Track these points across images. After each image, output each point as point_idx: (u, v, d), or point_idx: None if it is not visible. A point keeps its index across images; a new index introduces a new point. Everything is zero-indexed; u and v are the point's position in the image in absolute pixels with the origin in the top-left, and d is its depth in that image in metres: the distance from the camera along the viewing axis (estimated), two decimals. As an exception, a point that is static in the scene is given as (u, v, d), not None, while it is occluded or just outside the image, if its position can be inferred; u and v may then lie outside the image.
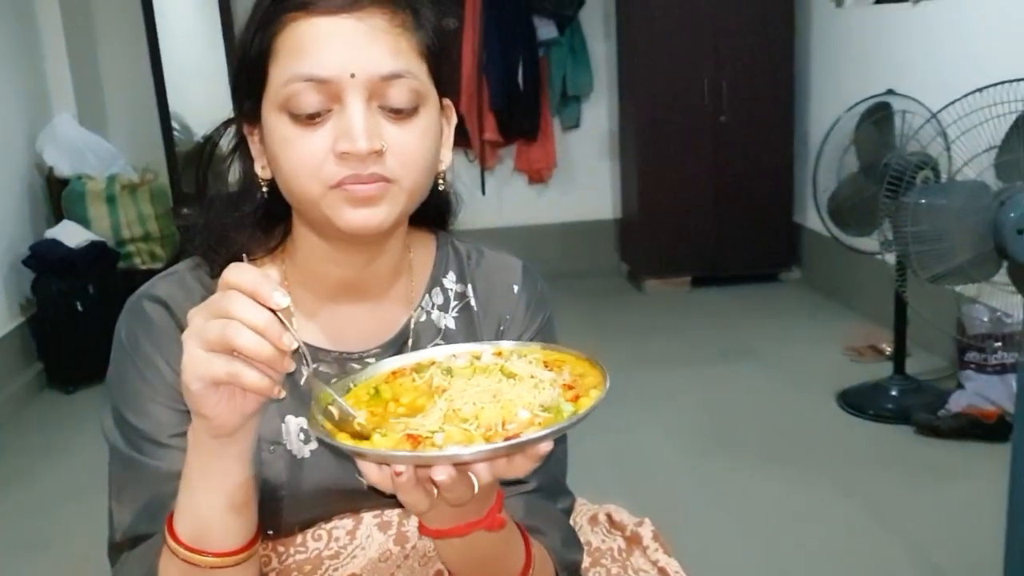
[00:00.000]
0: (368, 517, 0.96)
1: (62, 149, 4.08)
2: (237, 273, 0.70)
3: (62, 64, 4.36)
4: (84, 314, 3.66)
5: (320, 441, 0.76)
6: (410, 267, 0.99)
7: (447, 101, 0.93)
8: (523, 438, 0.67)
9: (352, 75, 0.81)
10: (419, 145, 0.86)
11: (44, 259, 3.69)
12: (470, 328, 1.00)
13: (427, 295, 1.00)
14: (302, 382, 0.83)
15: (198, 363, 0.70)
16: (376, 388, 0.79)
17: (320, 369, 0.94)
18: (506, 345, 0.84)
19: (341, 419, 0.73)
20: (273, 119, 0.85)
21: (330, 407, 0.74)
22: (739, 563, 2.25)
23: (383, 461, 0.69)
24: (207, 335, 0.69)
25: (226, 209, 0.94)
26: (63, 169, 4.05)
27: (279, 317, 0.69)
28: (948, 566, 2.19)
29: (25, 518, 2.72)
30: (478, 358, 0.82)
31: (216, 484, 0.78)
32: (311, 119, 0.82)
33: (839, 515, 2.46)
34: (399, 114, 0.84)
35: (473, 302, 1.01)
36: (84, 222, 3.95)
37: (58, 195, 4.05)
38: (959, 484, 2.58)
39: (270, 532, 0.94)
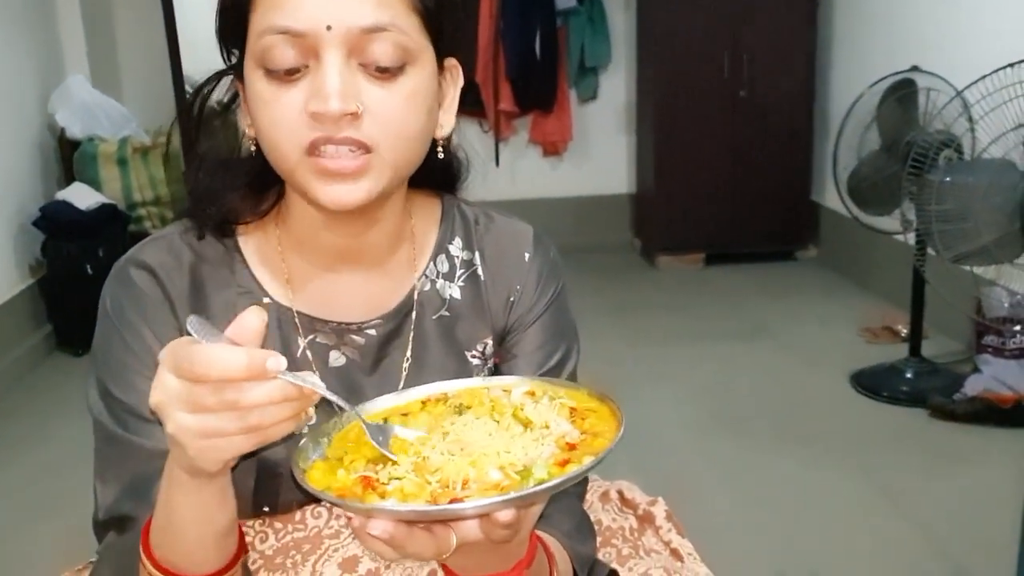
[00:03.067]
0: (370, 495, 0.92)
1: (74, 111, 4.05)
2: (215, 365, 0.60)
3: (75, 25, 4.32)
4: (94, 277, 3.64)
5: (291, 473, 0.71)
6: (412, 234, 0.94)
7: (451, 61, 0.87)
8: (445, 507, 0.62)
9: (328, 27, 0.75)
10: (403, 109, 0.78)
11: (54, 221, 3.67)
12: (477, 298, 0.96)
13: (431, 263, 0.95)
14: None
15: (218, 449, 0.63)
16: (385, 420, 0.76)
17: (318, 340, 0.90)
18: (540, 385, 0.78)
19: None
20: (251, 75, 0.79)
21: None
22: (748, 542, 2.23)
23: (336, 504, 0.65)
24: (219, 429, 0.62)
25: (216, 169, 0.89)
26: (75, 131, 4.03)
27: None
28: (961, 550, 2.16)
29: (35, 480, 2.72)
30: (508, 393, 0.77)
31: (202, 516, 0.74)
32: (287, 75, 0.76)
33: (851, 497, 2.43)
34: (382, 73, 0.77)
35: (480, 270, 0.96)
36: (95, 184, 3.93)
37: (69, 157, 4.03)
38: (973, 468, 2.54)
39: (266, 509, 0.91)
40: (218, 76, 0.89)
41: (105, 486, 0.87)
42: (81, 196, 3.77)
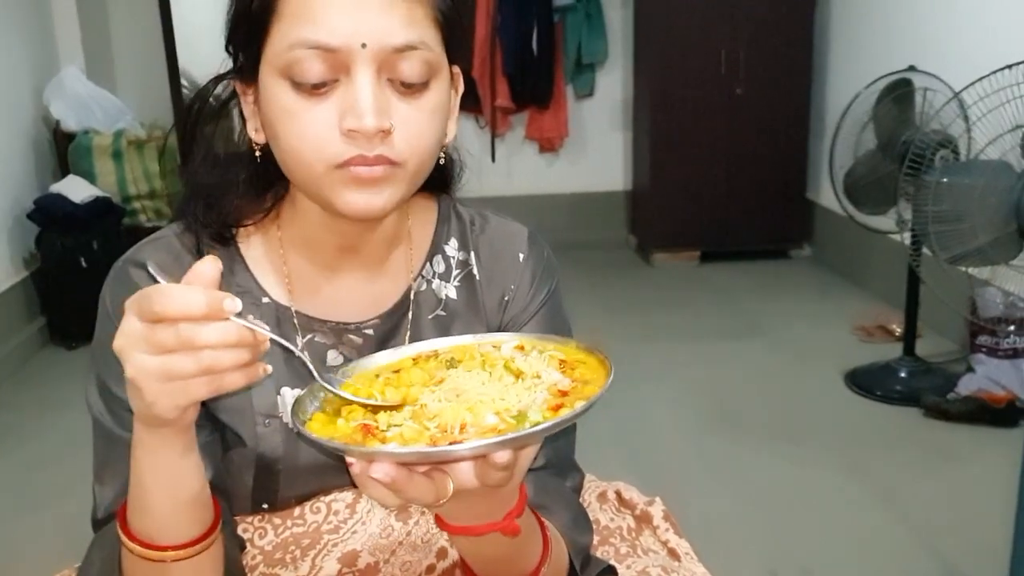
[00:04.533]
0: (369, 490, 0.92)
1: (69, 103, 4.03)
2: (174, 300, 0.62)
3: (70, 16, 4.30)
4: (88, 270, 3.63)
5: (292, 423, 0.72)
6: (409, 234, 0.95)
7: (456, 69, 0.87)
8: (446, 447, 0.63)
9: (363, 45, 0.75)
10: (428, 124, 0.80)
11: (49, 214, 3.66)
12: (472, 298, 0.96)
13: (428, 263, 0.96)
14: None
15: (175, 393, 0.64)
16: (377, 376, 0.77)
17: (316, 339, 0.91)
18: (528, 339, 0.79)
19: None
20: (273, 84, 0.79)
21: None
22: (742, 541, 2.23)
23: (327, 449, 0.66)
24: (177, 370, 0.63)
25: (216, 171, 0.89)
26: (69, 123, 4.02)
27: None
28: (953, 549, 2.17)
29: (26, 474, 2.71)
30: (497, 348, 0.78)
31: (167, 480, 0.74)
32: (315, 89, 0.76)
33: (845, 496, 2.44)
34: (410, 89, 0.78)
35: (476, 271, 0.97)
36: (90, 177, 3.91)
37: (64, 149, 4.01)
38: (966, 468, 2.55)
39: (265, 506, 0.91)
40: (221, 80, 0.88)
41: (104, 485, 0.86)
42: (75, 189, 3.76)
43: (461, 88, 0.90)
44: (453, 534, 0.75)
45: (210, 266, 0.65)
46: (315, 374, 0.72)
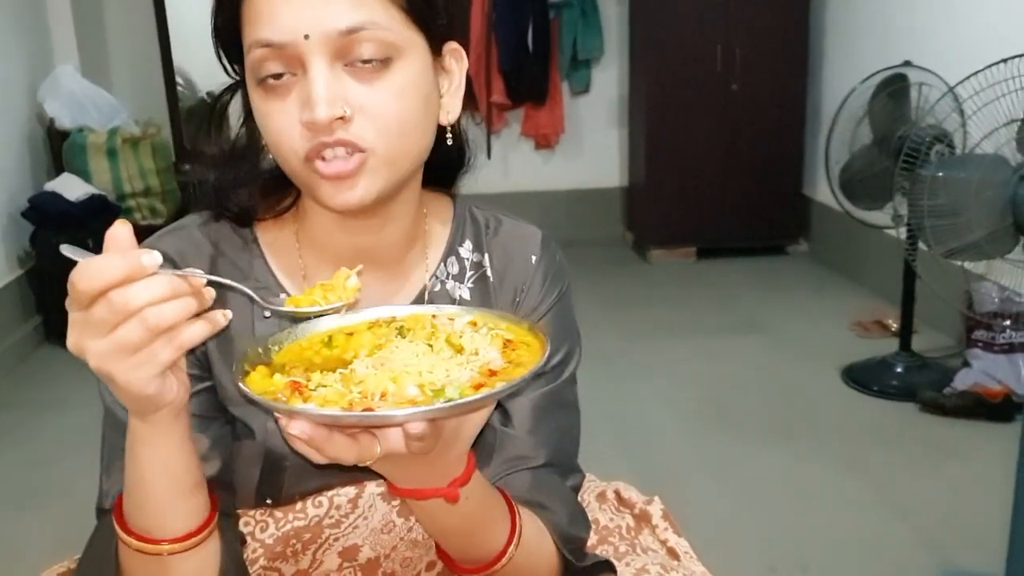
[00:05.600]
0: (371, 486, 0.92)
1: (64, 101, 4.02)
2: (93, 272, 0.62)
3: (65, 14, 4.29)
4: (84, 268, 3.62)
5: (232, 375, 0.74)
6: (425, 234, 0.95)
7: (452, 45, 0.86)
8: (352, 413, 0.66)
9: (306, 36, 0.76)
10: (394, 104, 0.79)
11: (43, 212, 3.65)
12: (485, 299, 0.96)
13: (443, 264, 0.96)
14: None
15: (142, 365, 0.64)
16: (330, 337, 0.78)
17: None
18: (483, 317, 0.81)
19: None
20: (250, 89, 0.82)
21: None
22: (739, 537, 2.24)
23: (248, 399, 0.68)
24: (128, 340, 0.63)
25: (235, 163, 0.90)
26: (64, 121, 4.00)
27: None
28: (950, 543, 2.17)
29: (23, 472, 2.71)
30: (452, 320, 0.80)
31: (166, 471, 0.75)
32: (277, 87, 0.78)
33: (841, 491, 2.44)
34: (368, 71, 0.78)
35: (489, 272, 0.97)
36: (84, 175, 3.90)
37: (59, 147, 4.00)
38: (963, 462, 2.55)
39: (268, 501, 0.91)
40: (234, 87, 0.90)
41: (111, 474, 0.86)
42: (70, 187, 3.75)
43: (465, 63, 0.89)
44: (400, 496, 0.78)
45: (122, 228, 0.65)
46: (256, 299, 0.74)
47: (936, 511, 2.31)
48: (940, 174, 2.34)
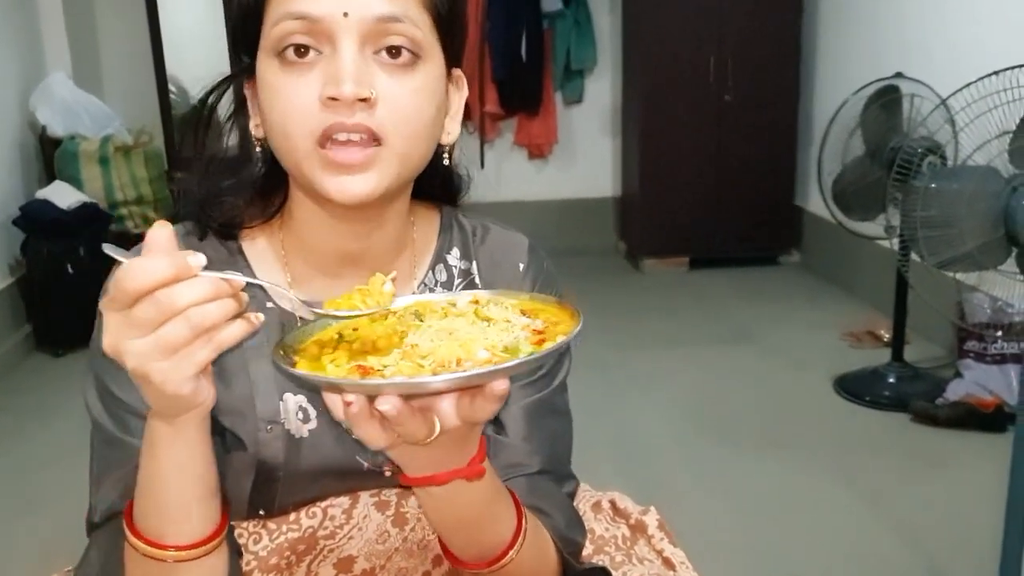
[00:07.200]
0: (365, 496, 0.92)
1: (56, 108, 4.01)
2: (142, 272, 0.63)
3: (57, 22, 4.29)
4: (74, 276, 3.61)
5: (276, 366, 0.72)
6: (413, 242, 0.95)
7: (458, 72, 0.88)
8: (470, 372, 0.64)
9: (345, 14, 0.76)
10: (414, 101, 0.79)
11: (35, 220, 3.64)
12: None
13: (431, 271, 0.95)
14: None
15: (180, 364, 0.64)
16: (340, 333, 0.76)
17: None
18: (483, 294, 0.81)
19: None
20: (264, 67, 0.80)
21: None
22: (730, 546, 2.23)
23: (329, 388, 0.67)
24: (172, 338, 0.64)
25: (220, 174, 0.89)
26: (56, 129, 3.99)
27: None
28: (943, 554, 2.17)
29: (13, 481, 2.69)
30: (454, 305, 0.79)
31: (187, 474, 0.74)
32: (299, 58, 0.77)
33: (834, 501, 2.44)
34: (395, 63, 0.78)
35: (477, 280, 0.97)
36: (76, 183, 3.89)
37: (50, 155, 3.99)
38: (955, 473, 2.56)
39: (262, 512, 0.90)
40: (227, 81, 0.88)
41: (102, 488, 0.85)
42: (62, 195, 3.73)
43: (465, 92, 0.90)
44: (418, 486, 0.76)
45: (162, 231, 0.65)
46: (297, 301, 0.72)
47: (928, 521, 2.31)
48: (933, 185, 2.35)
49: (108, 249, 0.68)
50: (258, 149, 0.86)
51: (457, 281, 0.96)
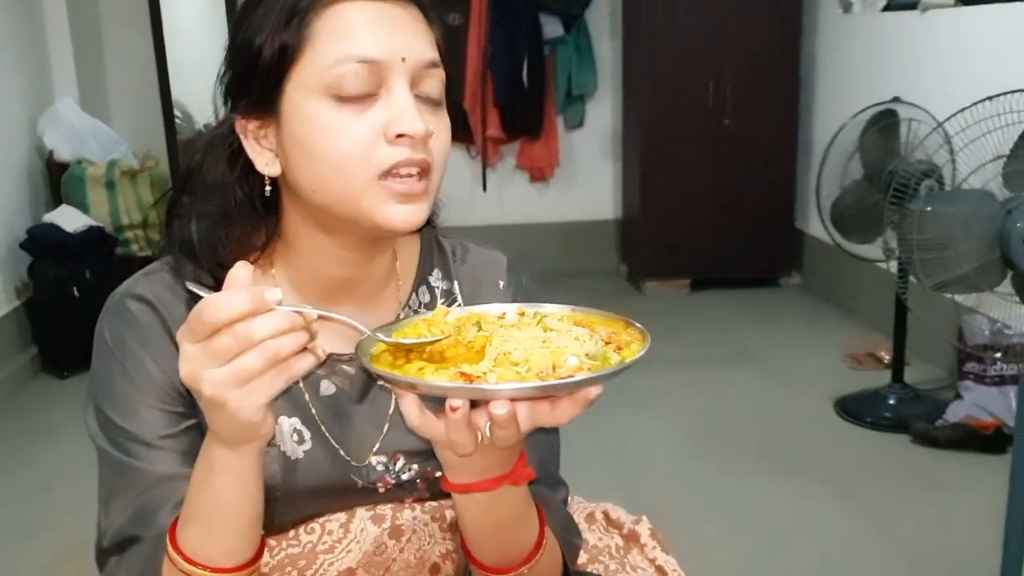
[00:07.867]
0: (361, 511, 0.94)
1: (63, 133, 4.06)
2: (222, 306, 0.66)
3: (65, 48, 4.34)
4: (80, 299, 3.63)
5: (369, 374, 0.76)
6: (396, 266, 0.98)
7: None
8: (581, 376, 0.68)
9: (403, 59, 0.82)
10: (447, 137, 0.86)
11: (41, 243, 3.67)
12: None
13: (414, 293, 0.98)
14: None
15: (254, 393, 0.68)
16: (410, 349, 0.77)
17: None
18: (526, 307, 0.82)
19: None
20: (308, 105, 0.82)
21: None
22: (730, 567, 2.24)
23: (442, 394, 0.69)
24: (248, 369, 0.67)
25: (208, 217, 0.90)
26: (63, 153, 4.04)
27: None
28: (941, 575, 2.18)
29: (19, 502, 2.71)
30: (502, 317, 0.81)
31: (246, 500, 0.78)
32: (360, 102, 0.81)
33: (834, 522, 2.45)
34: (433, 102, 0.85)
35: (460, 299, 0.99)
36: (83, 207, 3.93)
37: (57, 179, 4.03)
38: (955, 494, 2.56)
39: (261, 531, 0.92)
40: (227, 123, 0.89)
41: (111, 513, 0.87)
42: (68, 219, 3.77)
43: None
44: (465, 492, 0.79)
45: (242, 269, 0.69)
46: (366, 332, 0.75)
47: (927, 542, 2.32)
48: (929, 208, 2.37)
49: (192, 287, 0.73)
50: (267, 187, 0.88)
51: (440, 301, 0.98)
